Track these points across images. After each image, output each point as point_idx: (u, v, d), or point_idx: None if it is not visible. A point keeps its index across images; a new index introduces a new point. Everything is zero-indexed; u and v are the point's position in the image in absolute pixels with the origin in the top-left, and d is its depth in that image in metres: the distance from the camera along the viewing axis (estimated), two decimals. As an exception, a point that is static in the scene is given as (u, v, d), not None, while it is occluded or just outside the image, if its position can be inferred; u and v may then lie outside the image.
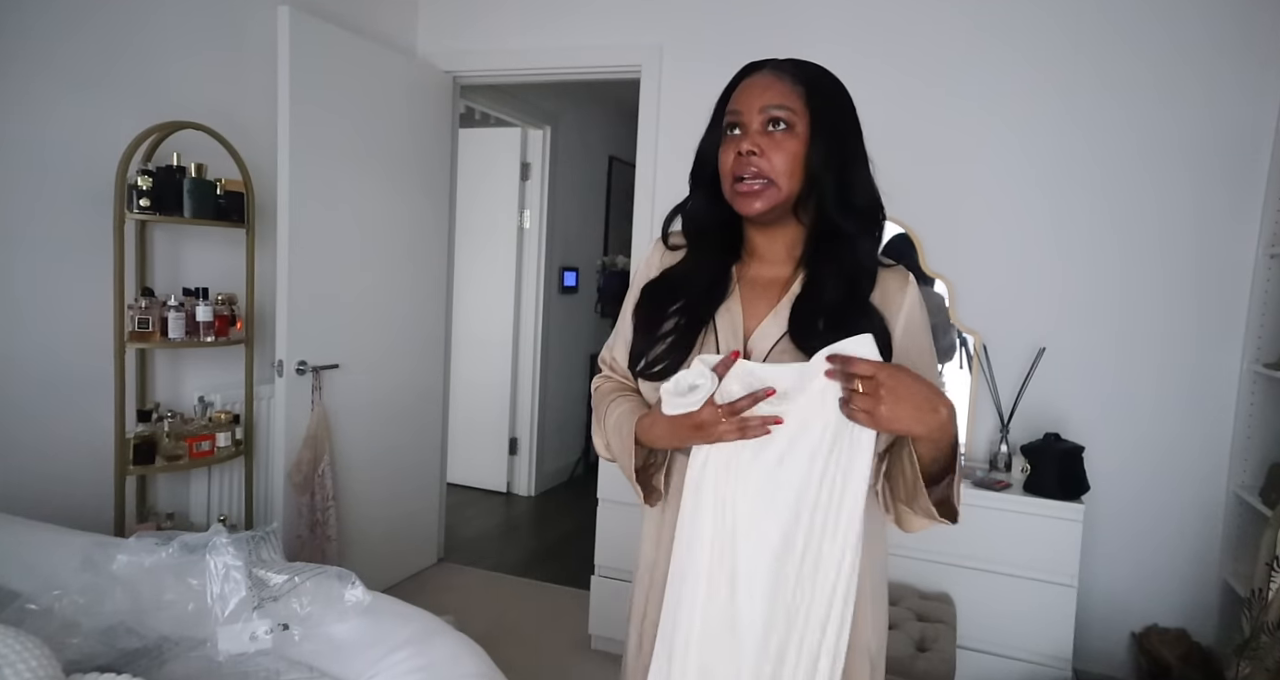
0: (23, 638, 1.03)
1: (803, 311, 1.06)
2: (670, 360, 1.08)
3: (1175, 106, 2.40)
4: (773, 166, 1.03)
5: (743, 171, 1.04)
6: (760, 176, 1.03)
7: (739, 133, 1.06)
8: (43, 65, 2.02)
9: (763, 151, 1.03)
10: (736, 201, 1.06)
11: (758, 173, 1.03)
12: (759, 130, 1.04)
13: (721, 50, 2.84)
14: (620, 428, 1.12)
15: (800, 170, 1.04)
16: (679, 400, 0.98)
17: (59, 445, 2.12)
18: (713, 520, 1.01)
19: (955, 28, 2.58)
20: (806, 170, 1.04)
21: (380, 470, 2.99)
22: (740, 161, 1.04)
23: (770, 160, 1.03)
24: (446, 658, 1.29)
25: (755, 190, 1.04)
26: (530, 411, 4.39)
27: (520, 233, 4.30)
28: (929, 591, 2.35)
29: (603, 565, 2.64)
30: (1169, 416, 2.46)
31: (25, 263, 2.02)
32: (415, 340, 3.15)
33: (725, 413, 0.97)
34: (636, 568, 1.22)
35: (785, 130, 1.03)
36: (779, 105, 1.03)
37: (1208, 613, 2.46)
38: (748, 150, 1.03)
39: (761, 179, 1.03)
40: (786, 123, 1.03)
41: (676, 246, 1.19)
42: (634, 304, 1.19)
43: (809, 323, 1.04)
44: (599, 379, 1.28)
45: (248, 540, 1.44)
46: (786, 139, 1.03)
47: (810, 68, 1.08)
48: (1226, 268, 2.39)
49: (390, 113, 2.91)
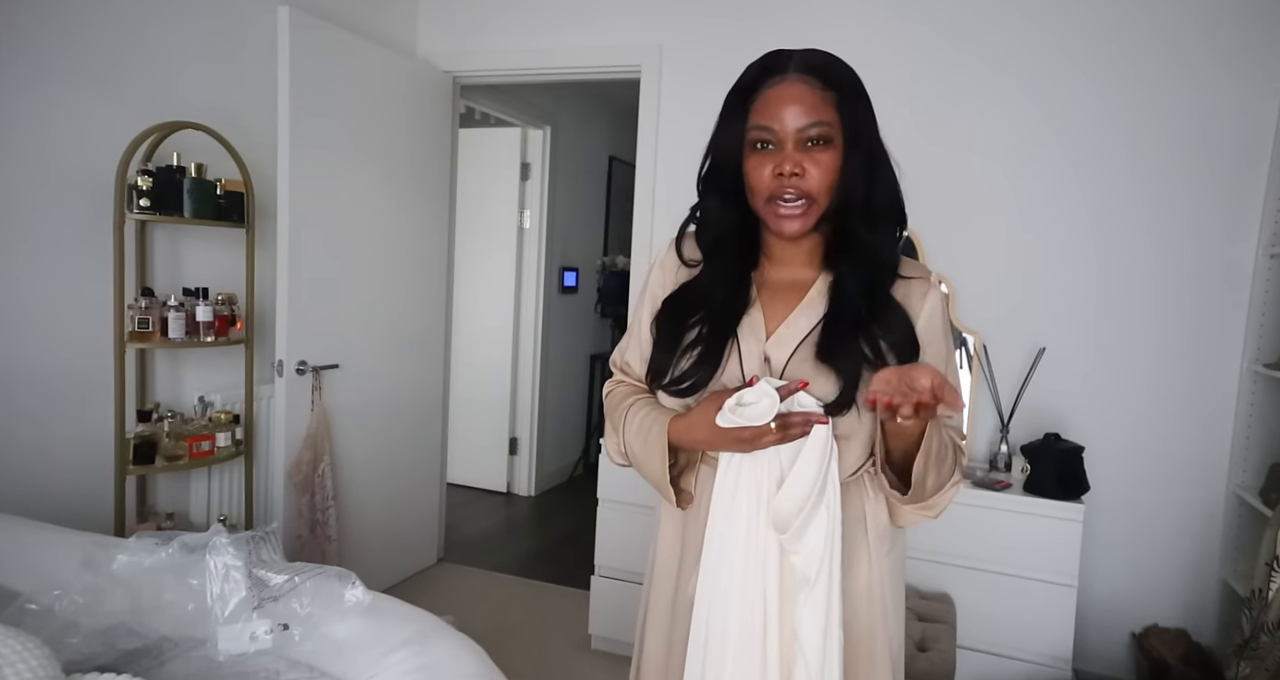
0: (23, 638, 1.03)
1: (837, 322, 1.04)
2: (698, 377, 1.06)
3: (1175, 106, 2.40)
4: (813, 184, 1.00)
5: (783, 192, 1.01)
6: (802, 197, 1.01)
7: (772, 149, 1.01)
8: (44, 66, 2.02)
9: (803, 171, 1.00)
10: (778, 223, 1.03)
11: (799, 193, 1.00)
12: (797, 148, 1.00)
13: (721, 50, 2.84)
14: (647, 430, 1.10)
15: (836, 183, 1.02)
16: (738, 417, 0.98)
17: (59, 445, 2.12)
18: (746, 523, 1.01)
19: (955, 32, 2.58)
20: (842, 181, 1.02)
21: (380, 470, 2.99)
22: (781, 182, 1.00)
23: (811, 178, 1.00)
24: (446, 658, 1.29)
25: (797, 213, 1.01)
26: (530, 411, 4.39)
27: (520, 233, 4.30)
28: (929, 591, 2.35)
29: (603, 565, 2.63)
30: (1169, 416, 2.46)
31: (25, 262, 2.02)
32: (415, 340, 3.15)
33: (777, 425, 0.97)
34: (651, 571, 1.21)
35: (823, 146, 1.00)
36: (818, 122, 0.99)
37: (1208, 613, 2.46)
38: (791, 171, 0.99)
39: (804, 199, 1.01)
40: (825, 138, 1.00)
41: (692, 262, 1.15)
42: (650, 314, 1.16)
43: (845, 333, 1.02)
44: (611, 383, 1.26)
45: (248, 540, 1.44)
46: (825, 154, 1.00)
47: (834, 67, 1.04)
48: (1226, 268, 2.39)
49: (390, 113, 2.91)
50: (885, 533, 1.10)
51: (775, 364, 1.05)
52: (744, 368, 1.06)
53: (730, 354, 1.07)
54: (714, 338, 1.07)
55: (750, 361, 1.06)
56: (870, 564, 1.09)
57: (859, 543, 1.08)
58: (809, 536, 0.98)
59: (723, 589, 1.01)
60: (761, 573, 1.00)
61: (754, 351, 1.06)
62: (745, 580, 1.00)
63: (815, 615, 0.98)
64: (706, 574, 1.04)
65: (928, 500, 1.04)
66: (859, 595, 1.08)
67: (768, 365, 1.06)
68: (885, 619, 1.10)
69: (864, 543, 1.09)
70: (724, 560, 1.02)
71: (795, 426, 0.97)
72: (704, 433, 1.02)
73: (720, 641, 1.01)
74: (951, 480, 1.05)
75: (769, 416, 0.96)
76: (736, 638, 1.00)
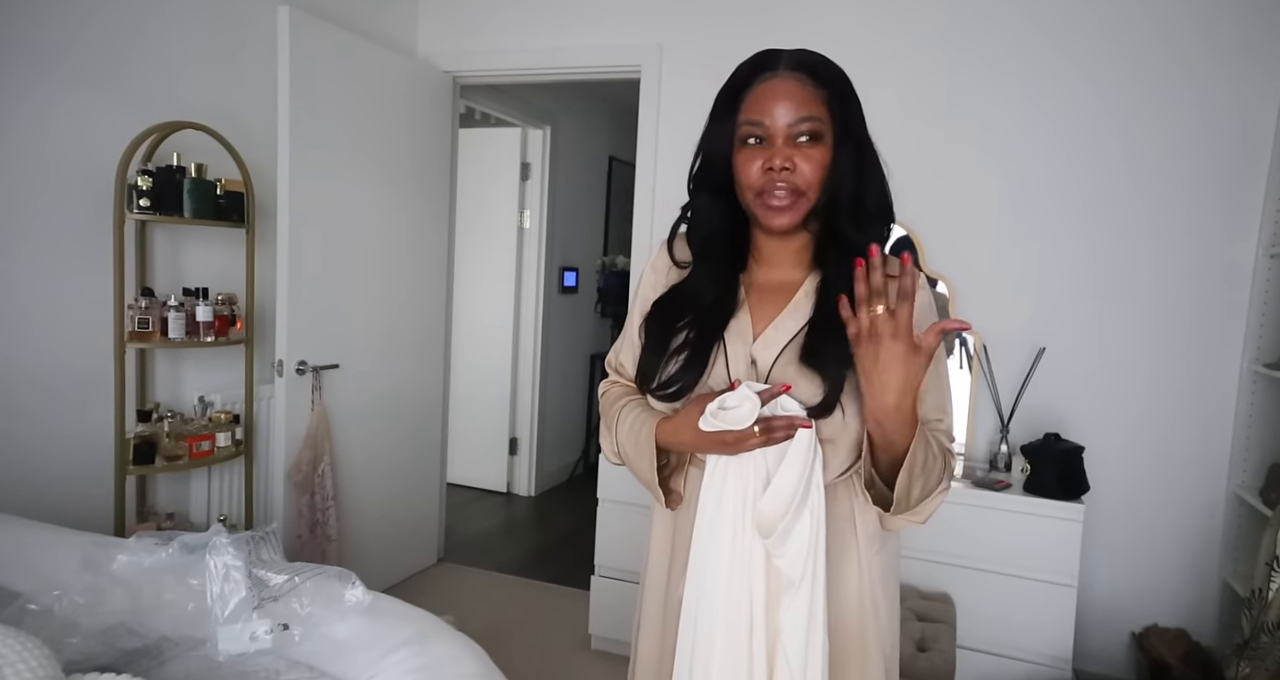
0: (23, 638, 1.03)
1: (823, 324, 1.03)
2: (684, 382, 1.06)
3: (1175, 106, 2.40)
4: (803, 179, 1.00)
5: (773, 187, 1.01)
6: (791, 192, 1.01)
7: (763, 144, 1.01)
8: (44, 66, 2.02)
9: (793, 166, 1.00)
10: (766, 216, 1.03)
11: (789, 188, 1.00)
12: (786, 143, 1.00)
13: (721, 50, 2.81)
14: (637, 432, 1.11)
15: (826, 178, 1.01)
16: (719, 421, 0.98)
17: (59, 445, 2.12)
18: (732, 526, 1.01)
19: (955, 33, 2.58)
20: (831, 178, 1.02)
21: (380, 470, 2.99)
22: (770, 177, 1.00)
23: (801, 174, 1.00)
24: (446, 658, 1.29)
25: (786, 205, 1.01)
26: (530, 411, 4.39)
27: (520, 233, 4.30)
28: (929, 591, 2.35)
29: (603, 565, 2.64)
30: (1169, 416, 2.46)
31: (26, 262, 2.02)
32: (415, 340, 3.15)
33: (760, 428, 0.97)
34: (644, 572, 1.21)
35: (813, 141, 1.00)
36: (808, 117, 0.99)
37: (1208, 613, 2.46)
38: (780, 166, 1.00)
39: (792, 193, 1.01)
40: (815, 134, 1.00)
41: (683, 263, 1.15)
42: (641, 316, 1.16)
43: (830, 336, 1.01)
44: (606, 384, 1.27)
45: (248, 540, 1.44)
46: (815, 149, 1.00)
47: (823, 65, 1.04)
48: (1226, 268, 2.39)
49: (390, 113, 2.91)
50: (875, 533, 1.10)
51: (761, 367, 1.05)
52: (730, 371, 1.06)
53: (717, 357, 1.06)
54: (700, 341, 1.07)
55: (737, 364, 1.06)
56: (860, 564, 1.09)
57: (848, 543, 1.08)
58: (793, 540, 0.98)
59: (709, 590, 1.02)
60: (747, 575, 1.00)
61: (741, 354, 1.06)
62: (731, 582, 1.01)
63: (799, 617, 0.99)
64: (694, 575, 1.04)
65: (914, 508, 1.03)
66: (849, 596, 1.08)
67: (754, 368, 1.05)
68: (877, 619, 1.09)
69: (853, 543, 1.09)
70: (710, 562, 1.02)
71: (778, 430, 0.97)
72: (688, 435, 1.03)
73: (707, 642, 1.01)
74: (939, 488, 1.04)
75: (750, 420, 0.96)
76: (723, 638, 1.00)
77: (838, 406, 1.00)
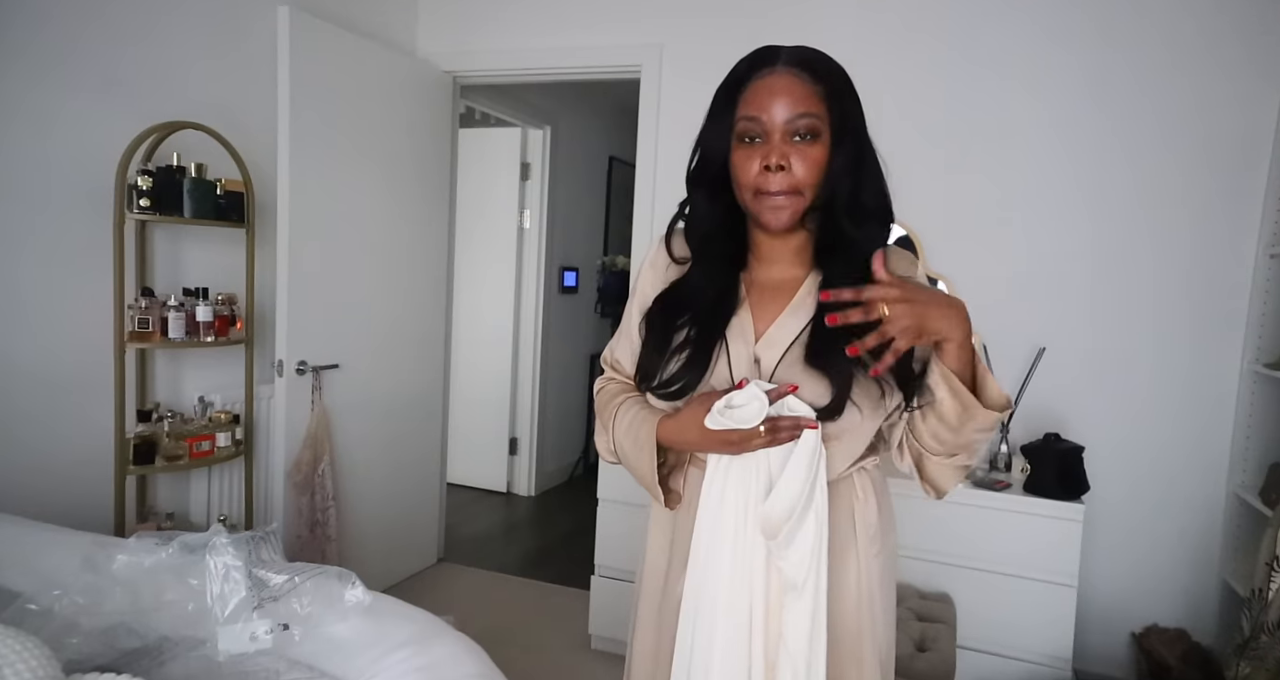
0: (23, 638, 1.03)
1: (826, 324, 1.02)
2: (686, 380, 1.05)
3: (1174, 105, 2.40)
4: (801, 178, 0.99)
5: (770, 186, 0.99)
6: (789, 190, 0.99)
7: (760, 142, 1.00)
8: (44, 66, 2.02)
9: (789, 165, 0.99)
10: (764, 215, 1.02)
11: (786, 187, 0.99)
12: (784, 140, 0.99)
13: (721, 50, 2.80)
14: (636, 430, 1.10)
15: (823, 177, 1.00)
16: (726, 419, 0.97)
17: (59, 445, 2.12)
18: (733, 526, 1.01)
19: (954, 32, 2.58)
20: (829, 176, 1.00)
21: (380, 470, 2.99)
22: (767, 176, 0.99)
23: (798, 172, 0.99)
24: (446, 658, 1.29)
25: (783, 205, 1.00)
26: (530, 411, 4.39)
27: (520, 233, 4.30)
28: (929, 591, 2.35)
29: (603, 565, 2.64)
30: (1169, 416, 2.46)
31: (26, 262, 2.02)
32: (415, 340, 3.15)
33: (766, 428, 0.96)
34: (641, 572, 1.21)
35: (811, 139, 0.99)
36: (806, 113, 0.98)
37: (1208, 613, 2.46)
38: (777, 164, 0.98)
39: (790, 193, 1.00)
40: (813, 131, 0.99)
41: (682, 259, 1.14)
42: (640, 312, 1.15)
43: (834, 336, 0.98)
44: (602, 381, 1.26)
45: (248, 540, 1.43)
46: (812, 147, 0.99)
47: (822, 61, 1.03)
48: (1226, 268, 2.39)
49: (390, 113, 2.91)
50: (875, 533, 1.10)
51: (765, 366, 1.04)
52: (733, 370, 1.05)
53: (719, 356, 1.06)
54: (702, 340, 1.06)
55: (739, 364, 1.05)
56: (859, 565, 1.08)
57: (848, 544, 1.08)
58: (798, 543, 0.97)
59: (710, 592, 1.01)
60: (748, 577, 1.00)
61: (743, 354, 1.05)
62: (733, 584, 1.00)
63: (802, 620, 0.98)
64: (694, 576, 1.03)
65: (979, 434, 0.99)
66: (848, 596, 1.08)
67: (757, 367, 1.05)
68: (874, 620, 1.09)
69: (853, 544, 1.09)
70: (711, 563, 1.01)
71: (784, 430, 0.97)
72: (693, 434, 1.02)
73: (707, 644, 1.01)
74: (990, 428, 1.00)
75: (758, 419, 0.96)
76: (723, 640, 1.00)
77: (848, 405, 0.99)
